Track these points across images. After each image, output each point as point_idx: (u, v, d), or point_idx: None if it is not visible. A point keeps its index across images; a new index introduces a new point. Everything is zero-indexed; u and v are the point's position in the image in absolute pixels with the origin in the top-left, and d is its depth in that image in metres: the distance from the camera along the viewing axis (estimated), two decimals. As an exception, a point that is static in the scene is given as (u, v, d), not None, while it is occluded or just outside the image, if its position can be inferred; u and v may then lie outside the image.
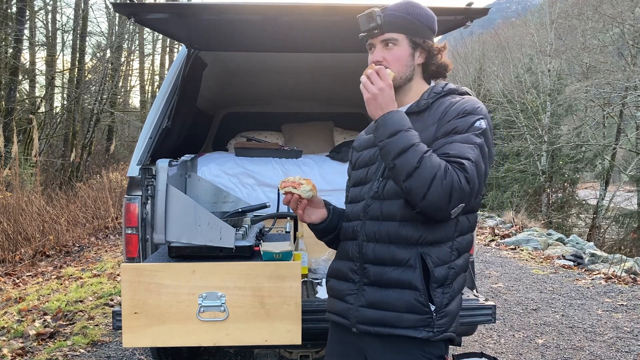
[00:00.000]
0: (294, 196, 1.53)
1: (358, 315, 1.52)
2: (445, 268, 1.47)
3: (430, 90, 1.58)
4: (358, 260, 1.55)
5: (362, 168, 1.64)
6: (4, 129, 9.43)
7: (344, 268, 1.61)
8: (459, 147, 1.39)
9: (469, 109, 1.46)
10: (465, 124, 1.43)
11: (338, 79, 4.16)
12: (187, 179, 2.82)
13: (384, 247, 1.50)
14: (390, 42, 1.52)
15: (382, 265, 1.49)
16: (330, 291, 1.68)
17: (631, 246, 13.52)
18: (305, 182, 1.53)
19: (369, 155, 1.63)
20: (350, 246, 1.59)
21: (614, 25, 16.58)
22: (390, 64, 1.52)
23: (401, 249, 1.47)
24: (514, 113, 19.74)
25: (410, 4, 1.54)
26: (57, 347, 3.81)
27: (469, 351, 3.46)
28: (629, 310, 4.87)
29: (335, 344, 1.67)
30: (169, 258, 2.03)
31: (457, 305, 1.52)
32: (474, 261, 2.90)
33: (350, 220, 1.62)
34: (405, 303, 1.45)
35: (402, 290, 1.46)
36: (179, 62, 3.11)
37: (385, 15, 1.50)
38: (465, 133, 1.42)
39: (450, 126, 1.44)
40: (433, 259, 1.46)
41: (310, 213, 1.60)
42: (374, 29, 1.51)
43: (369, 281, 1.52)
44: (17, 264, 6.48)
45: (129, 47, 16.59)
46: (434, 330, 1.45)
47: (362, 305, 1.52)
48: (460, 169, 1.34)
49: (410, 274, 1.46)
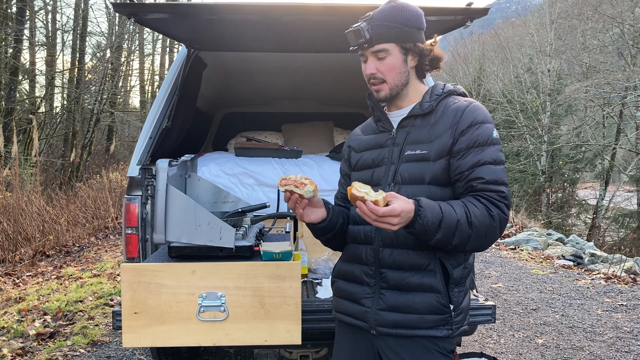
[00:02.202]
0: (294, 195, 1.51)
1: (378, 319, 1.55)
2: (461, 269, 1.54)
3: (431, 92, 1.58)
4: (373, 265, 1.57)
5: (366, 170, 1.65)
6: (4, 129, 9.43)
7: (356, 271, 1.62)
8: (492, 170, 1.45)
9: (480, 118, 1.50)
10: (483, 136, 1.48)
11: (338, 79, 4.16)
12: (187, 179, 2.82)
13: (402, 252, 1.52)
14: (382, 53, 1.52)
15: (402, 270, 1.53)
16: (339, 292, 1.70)
17: (631, 246, 13.52)
18: (308, 182, 1.52)
19: (372, 157, 1.63)
20: (363, 250, 1.60)
21: (613, 25, 16.58)
22: (385, 74, 1.54)
23: (420, 254, 1.51)
24: (513, 113, 19.76)
25: (395, 9, 1.53)
26: (57, 347, 3.81)
27: (469, 351, 3.46)
28: (629, 310, 4.87)
29: (345, 343, 1.69)
30: (169, 258, 2.03)
31: (468, 301, 1.61)
32: (474, 261, 2.90)
33: (360, 223, 1.62)
34: (428, 305, 1.50)
35: (424, 294, 1.51)
36: (179, 62, 3.11)
37: (372, 27, 1.50)
38: (487, 146, 1.47)
39: (471, 139, 1.48)
40: (451, 262, 1.52)
41: (309, 212, 1.58)
42: (363, 44, 1.52)
43: (388, 285, 1.55)
44: (17, 264, 6.48)
45: (129, 47, 16.58)
46: (453, 328, 1.52)
47: (381, 308, 1.55)
48: (500, 199, 1.43)
49: (431, 278, 1.50)
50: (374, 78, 1.55)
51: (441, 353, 1.53)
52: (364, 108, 4.72)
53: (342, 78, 4.00)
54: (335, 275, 1.73)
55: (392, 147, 1.58)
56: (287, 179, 1.52)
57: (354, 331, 1.65)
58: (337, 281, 1.71)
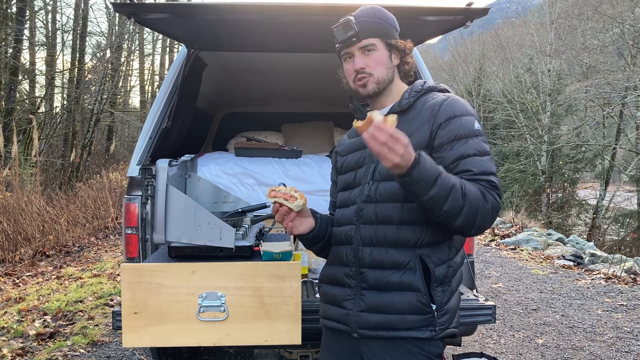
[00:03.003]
0: (283, 207, 1.49)
1: (359, 321, 1.52)
2: (444, 267, 1.49)
3: (410, 89, 1.58)
4: (354, 265, 1.54)
5: (349, 172, 1.64)
6: (4, 129, 9.43)
7: (338, 273, 1.60)
8: (478, 162, 1.42)
9: (458, 111, 1.48)
10: (463, 128, 1.45)
11: (338, 79, 4.15)
12: (187, 179, 2.82)
13: (382, 250, 1.49)
14: (369, 48, 1.53)
15: (381, 269, 1.49)
16: (323, 297, 1.68)
17: (631, 246, 13.52)
18: (298, 194, 1.49)
19: (355, 159, 1.63)
20: (344, 251, 1.58)
21: (614, 25, 16.59)
22: (372, 68, 1.54)
23: (400, 251, 1.48)
24: (513, 113, 19.76)
25: (376, 9, 1.57)
26: (57, 347, 3.81)
27: (469, 351, 3.46)
28: (629, 310, 4.87)
29: (330, 349, 1.67)
30: (169, 258, 2.03)
31: (456, 302, 1.54)
32: (474, 261, 2.90)
33: (341, 224, 1.61)
34: (407, 305, 1.46)
35: (403, 293, 1.47)
36: (179, 62, 3.11)
37: (359, 22, 1.52)
38: (469, 138, 1.44)
39: (451, 133, 1.45)
40: (433, 259, 1.47)
41: (298, 224, 1.56)
42: (352, 37, 1.52)
43: (368, 285, 1.52)
44: (17, 264, 6.48)
45: (129, 47, 16.59)
46: (436, 329, 1.47)
47: (362, 310, 1.52)
48: (491, 188, 1.40)
49: (411, 276, 1.46)
50: (362, 72, 1.54)
51: (426, 357, 1.47)
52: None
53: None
54: (320, 280, 1.72)
55: None
56: (276, 191, 1.49)
57: (338, 336, 1.61)
58: (322, 285, 1.70)
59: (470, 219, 1.36)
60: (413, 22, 2.44)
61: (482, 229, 1.40)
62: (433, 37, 2.94)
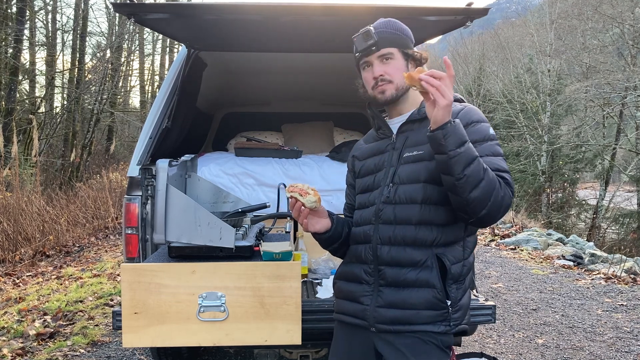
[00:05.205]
0: (298, 203, 1.58)
1: (376, 316, 1.59)
2: (460, 265, 1.58)
3: None
4: (372, 263, 1.62)
5: (369, 175, 1.72)
6: (4, 129, 9.43)
7: (355, 270, 1.67)
8: (493, 161, 1.50)
9: (475, 117, 1.58)
10: (479, 133, 1.55)
11: (338, 79, 4.15)
12: (187, 179, 2.82)
13: (400, 249, 1.57)
14: (387, 57, 1.61)
15: (399, 267, 1.57)
16: (339, 293, 1.75)
17: (631, 246, 13.51)
18: (312, 192, 1.58)
19: (374, 163, 1.71)
20: (362, 249, 1.65)
21: (613, 25, 16.59)
22: (392, 75, 1.61)
23: (417, 250, 1.55)
24: (513, 113, 19.76)
25: (392, 21, 1.66)
26: (57, 347, 3.81)
27: (469, 351, 3.47)
28: (629, 310, 4.87)
29: (342, 342, 1.72)
30: (169, 258, 2.03)
31: (468, 299, 1.63)
32: (474, 261, 2.91)
33: (360, 224, 1.69)
34: (424, 301, 1.54)
35: (420, 289, 1.55)
36: (179, 62, 3.11)
37: (378, 32, 1.60)
38: (485, 142, 1.53)
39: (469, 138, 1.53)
40: (449, 258, 1.55)
41: (314, 222, 1.65)
42: (371, 46, 1.60)
43: (386, 282, 1.59)
44: (17, 264, 6.48)
45: (129, 47, 16.58)
46: (451, 324, 1.56)
47: (379, 305, 1.59)
48: (505, 183, 1.47)
49: (427, 274, 1.54)
50: (382, 80, 1.61)
51: (438, 347, 1.55)
52: (363, 108, 4.70)
53: (342, 78, 3.98)
54: (337, 277, 1.78)
55: (392, 152, 1.66)
56: (294, 186, 1.59)
57: (352, 330, 1.68)
58: (338, 282, 1.76)
59: (485, 198, 1.41)
60: (413, 22, 2.42)
61: (491, 216, 1.44)
62: (433, 37, 2.95)
